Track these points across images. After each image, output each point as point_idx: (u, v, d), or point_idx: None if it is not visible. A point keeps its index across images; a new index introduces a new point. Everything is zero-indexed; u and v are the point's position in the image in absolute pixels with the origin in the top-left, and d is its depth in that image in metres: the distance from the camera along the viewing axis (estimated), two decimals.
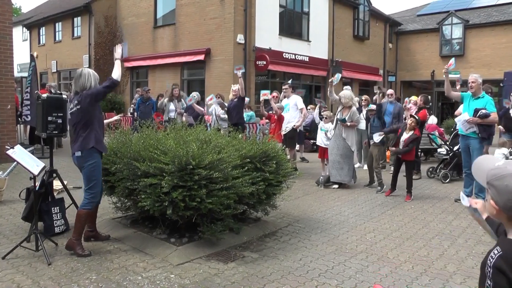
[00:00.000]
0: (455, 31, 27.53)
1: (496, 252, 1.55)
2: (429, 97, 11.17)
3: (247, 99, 9.91)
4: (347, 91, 8.85)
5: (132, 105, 15.69)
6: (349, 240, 5.27)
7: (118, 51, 5.10)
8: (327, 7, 22.90)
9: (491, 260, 1.55)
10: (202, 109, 10.66)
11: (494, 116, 6.90)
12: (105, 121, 5.71)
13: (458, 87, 7.57)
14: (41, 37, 28.01)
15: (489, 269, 1.54)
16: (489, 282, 1.54)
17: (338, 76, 8.74)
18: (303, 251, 4.84)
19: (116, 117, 7.01)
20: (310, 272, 4.22)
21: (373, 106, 9.35)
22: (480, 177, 1.70)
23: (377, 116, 9.01)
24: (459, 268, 4.44)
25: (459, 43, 27.42)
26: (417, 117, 7.74)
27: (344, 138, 8.44)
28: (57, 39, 26.39)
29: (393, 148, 7.72)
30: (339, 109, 8.72)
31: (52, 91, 10.56)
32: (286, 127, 9.73)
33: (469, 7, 29.69)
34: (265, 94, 9.73)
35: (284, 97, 10.53)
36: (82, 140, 4.52)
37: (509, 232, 1.62)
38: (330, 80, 8.62)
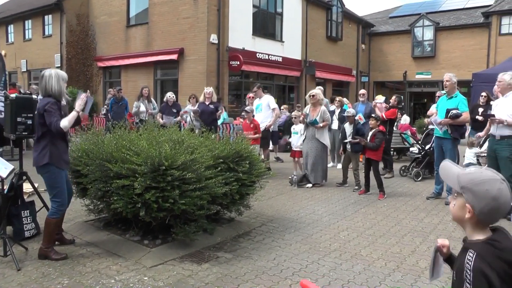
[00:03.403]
0: (427, 33, 28.07)
1: (471, 255, 1.56)
2: (402, 97, 11.34)
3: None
4: (317, 89, 8.91)
5: (105, 106, 15.49)
6: (323, 238, 5.32)
7: (79, 103, 4.45)
8: (300, 8, 23.01)
9: (469, 263, 1.54)
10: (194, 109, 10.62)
11: (465, 115, 6.98)
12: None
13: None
14: (9, 35, 27.23)
15: (468, 272, 1.53)
16: (468, 286, 1.53)
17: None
18: (277, 250, 4.86)
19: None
20: (284, 271, 4.25)
21: (351, 111, 8.88)
22: (450, 181, 1.70)
23: (356, 131, 8.28)
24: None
25: (430, 45, 27.96)
26: (375, 116, 7.99)
27: (317, 139, 8.50)
28: (26, 37, 25.74)
29: (358, 139, 7.80)
30: (307, 110, 8.79)
31: (21, 91, 10.32)
32: None
33: (439, 10, 30.36)
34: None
35: (256, 97, 10.61)
36: (37, 155, 4.36)
37: (473, 235, 1.65)
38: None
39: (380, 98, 11.08)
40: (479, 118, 9.06)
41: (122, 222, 5.27)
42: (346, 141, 8.33)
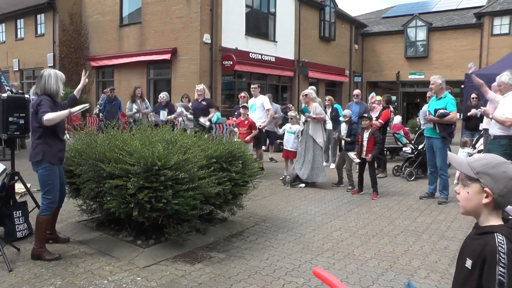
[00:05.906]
0: (419, 34, 28.25)
1: (501, 238, 1.57)
2: (392, 97, 11.38)
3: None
4: (310, 89, 8.96)
5: (98, 106, 15.44)
6: (316, 238, 5.33)
7: (79, 107, 4.68)
8: (293, 8, 23.05)
9: (503, 245, 1.55)
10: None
11: (452, 115, 7.02)
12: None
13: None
14: (0, 34, 27.07)
15: (502, 256, 1.53)
16: (501, 269, 1.53)
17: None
18: (270, 250, 4.86)
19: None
20: (277, 271, 4.25)
21: (347, 113, 8.67)
22: (462, 168, 1.72)
23: (349, 131, 8.29)
24: (423, 263, 4.56)
25: (423, 45, 28.15)
26: (367, 116, 7.94)
27: (311, 135, 8.49)
28: (19, 36, 25.56)
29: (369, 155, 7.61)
30: (302, 106, 8.88)
31: (14, 90, 10.26)
32: None
33: (432, 11, 30.55)
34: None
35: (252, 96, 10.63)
36: (32, 151, 4.41)
37: (489, 221, 1.67)
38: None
39: (375, 97, 11.16)
40: (472, 113, 9.38)
41: (115, 223, 5.25)
42: (340, 135, 8.41)
